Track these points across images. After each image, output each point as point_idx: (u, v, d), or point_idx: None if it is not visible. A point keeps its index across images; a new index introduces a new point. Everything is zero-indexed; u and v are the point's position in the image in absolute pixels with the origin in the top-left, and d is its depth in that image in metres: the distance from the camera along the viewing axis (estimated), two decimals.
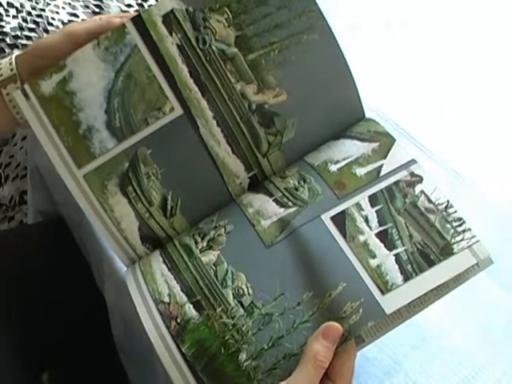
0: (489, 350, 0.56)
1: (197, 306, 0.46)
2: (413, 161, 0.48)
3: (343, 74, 0.51)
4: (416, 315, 0.44)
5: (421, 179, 0.48)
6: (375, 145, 0.50)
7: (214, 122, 0.50)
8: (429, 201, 0.47)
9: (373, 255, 0.45)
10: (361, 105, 0.53)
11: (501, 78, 0.82)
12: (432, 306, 0.44)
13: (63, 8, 0.81)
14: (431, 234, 0.45)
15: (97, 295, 0.65)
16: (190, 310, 0.46)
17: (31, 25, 0.78)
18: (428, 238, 0.45)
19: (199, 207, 0.51)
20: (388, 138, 0.50)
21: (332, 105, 0.52)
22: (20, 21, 0.78)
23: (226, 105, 0.50)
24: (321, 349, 0.41)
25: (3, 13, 0.77)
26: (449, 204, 0.46)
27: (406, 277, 0.44)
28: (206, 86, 0.50)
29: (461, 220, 0.45)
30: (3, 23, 0.76)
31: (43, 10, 0.80)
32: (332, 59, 0.51)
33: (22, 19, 0.78)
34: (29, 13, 0.79)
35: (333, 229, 0.46)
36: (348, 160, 0.50)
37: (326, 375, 0.42)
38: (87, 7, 0.82)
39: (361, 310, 0.43)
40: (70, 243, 0.70)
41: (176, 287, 0.47)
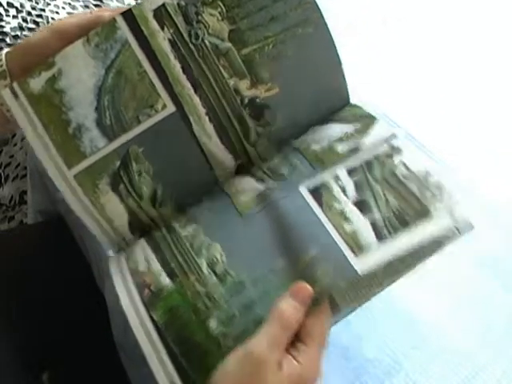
0: (489, 350, 0.56)
1: (171, 275, 0.46)
2: (393, 135, 0.48)
3: (334, 65, 0.51)
4: (393, 283, 0.43)
5: (400, 150, 0.48)
6: (358, 125, 0.50)
7: (207, 118, 0.50)
8: (407, 169, 0.46)
9: (349, 222, 0.45)
10: (347, 91, 0.53)
11: (499, 76, 0.82)
12: (432, 306, 0.44)
13: (63, 8, 0.81)
14: (409, 200, 0.45)
15: (97, 295, 0.64)
16: (164, 279, 0.46)
17: (31, 25, 0.78)
18: (405, 203, 0.45)
19: (188, 197, 0.52)
20: (371, 119, 0.51)
21: (321, 94, 0.52)
22: (20, 21, 0.78)
23: (219, 101, 0.50)
24: (287, 307, 0.40)
25: (3, 13, 0.77)
26: (428, 172, 0.46)
27: (381, 239, 0.44)
28: (199, 82, 0.49)
29: (441, 188, 0.45)
30: (3, 23, 0.76)
31: (43, 10, 0.80)
32: (325, 52, 0.51)
33: (22, 19, 0.78)
34: (29, 13, 0.79)
35: (310, 200, 0.46)
36: (331, 140, 0.50)
37: (297, 337, 0.41)
38: (87, 7, 0.82)
39: (333, 272, 0.42)
40: (70, 243, 0.70)
41: (151, 256, 0.48)
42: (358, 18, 0.89)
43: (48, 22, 0.79)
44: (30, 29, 0.78)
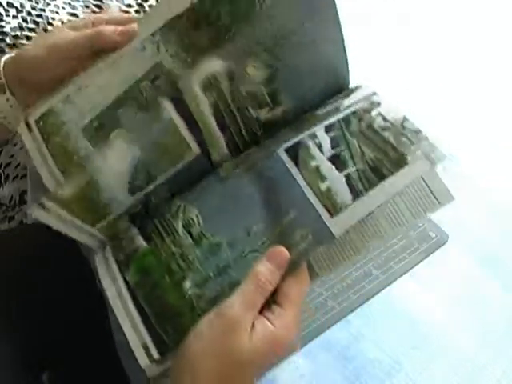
0: (489, 350, 0.56)
1: (146, 238, 0.46)
2: (374, 93, 0.48)
3: (341, 56, 0.50)
4: (371, 244, 0.42)
5: (378, 104, 0.47)
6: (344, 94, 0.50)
7: (226, 148, 0.49)
8: (384, 120, 0.45)
9: (323, 179, 0.44)
10: (348, 76, 0.51)
11: (502, 69, 0.82)
12: (432, 306, 0.44)
13: (63, 8, 0.81)
14: (385, 149, 0.44)
15: (97, 295, 0.64)
16: (139, 240, 0.46)
17: (31, 25, 0.78)
18: (381, 154, 0.44)
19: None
20: (357, 87, 0.50)
21: (325, 85, 0.51)
22: (20, 21, 0.78)
23: (240, 133, 0.49)
24: (263, 270, 0.40)
25: (3, 13, 0.77)
26: (405, 118, 0.45)
27: (356, 195, 0.43)
28: (226, 125, 0.48)
29: (418, 132, 0.44)
30: (3, 23, 0.76)
31: (43, 10, 0.80)
32: (328, 27, 0.49)
33: (22, 19, 0.78)
34: (29, 13, 0.79)
35: (286, 160, 0.46)
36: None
37: (273, 300, 0.41)
38: (87, 7, 0.82)
39: (310, 236, 0.42)
40: (70, 243, 0.70)
41: (130, 224, 0.48)
42: (371, 14, 0.89)
43: (48, 23, 0.79)
44: (30, 29, 0.78)
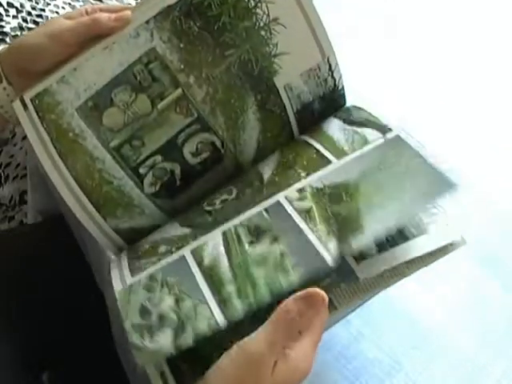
0: (489, 350, 0.56)
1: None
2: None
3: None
4: (392, 282, 0.44)
5: None
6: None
7: None
8: None
9: None
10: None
11: (501, 72, 0.82)
12: (432, 306, 0.44)
13: (63, 8, 0.81)
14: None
15: (97, 295, 0.64)
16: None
17: (31, 25, 0.78)
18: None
19: None
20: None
21: None
22: (20, 21, 0.78)
23: None
24: (294, 308, 0.39)
25: (3, 13, 0.77)
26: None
27: (381, 249, 0.45)
28: None
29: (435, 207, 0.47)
30: (3, 23, 0.76)
31: (43, 10, 0.80)
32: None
33: (22, 19, 0.78)
34: (29, 13, 0.79)
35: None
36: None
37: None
38: None
39: (334, 274, 0.43)
40: (70, 243, 0.70)
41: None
42: (359, 24, 0.89)
43: None
44: (30, 29, 0.78)
